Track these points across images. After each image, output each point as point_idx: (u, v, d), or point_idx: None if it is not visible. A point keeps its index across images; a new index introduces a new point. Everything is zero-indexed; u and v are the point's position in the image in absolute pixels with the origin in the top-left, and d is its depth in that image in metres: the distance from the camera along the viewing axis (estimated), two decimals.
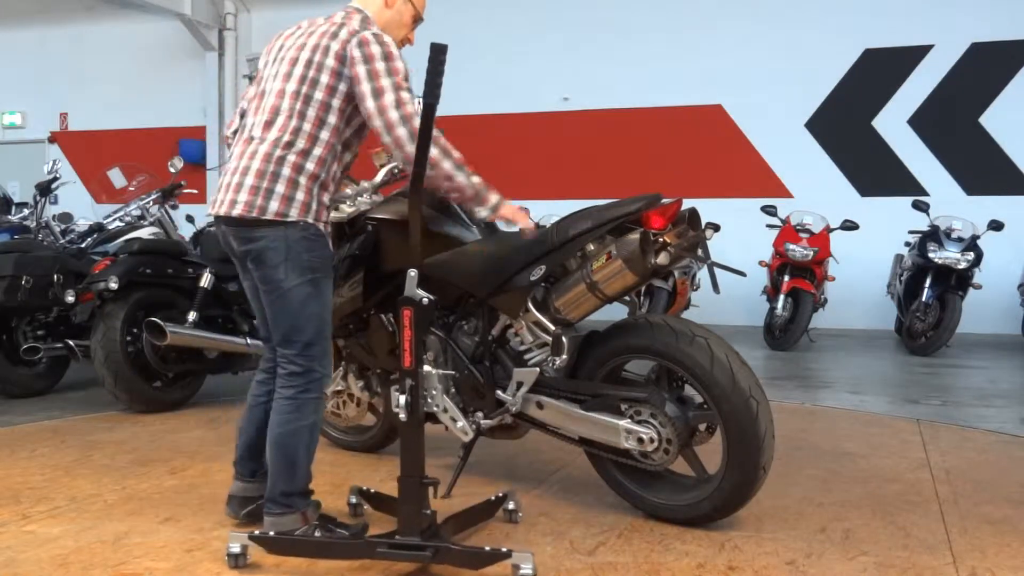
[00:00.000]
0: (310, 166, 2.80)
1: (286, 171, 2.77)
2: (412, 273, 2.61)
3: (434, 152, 2.75)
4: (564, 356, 3.09)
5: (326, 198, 2.87)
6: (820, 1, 10.12)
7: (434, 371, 3.33)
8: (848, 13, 10.00)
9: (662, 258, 2.92)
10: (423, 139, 2.55)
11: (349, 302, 3.45)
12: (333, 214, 3.37)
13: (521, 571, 2.52)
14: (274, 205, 2.75)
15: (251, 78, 3.04)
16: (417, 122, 2.60)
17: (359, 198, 3.46)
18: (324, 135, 2.82)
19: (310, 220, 2.80)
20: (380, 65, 2.77)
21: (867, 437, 4.62)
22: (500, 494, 3.16)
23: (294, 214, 2.77)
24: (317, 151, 2.81)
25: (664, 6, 10.55)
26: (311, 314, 2.82)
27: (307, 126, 2.80)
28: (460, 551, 2.60)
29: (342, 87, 2.82)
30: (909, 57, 9.90)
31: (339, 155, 2.88)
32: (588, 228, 2.98)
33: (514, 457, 4.09)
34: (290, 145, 2.79)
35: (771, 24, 10.23)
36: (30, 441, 4.48)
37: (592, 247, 3.04)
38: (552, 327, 3.10)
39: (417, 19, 3.13)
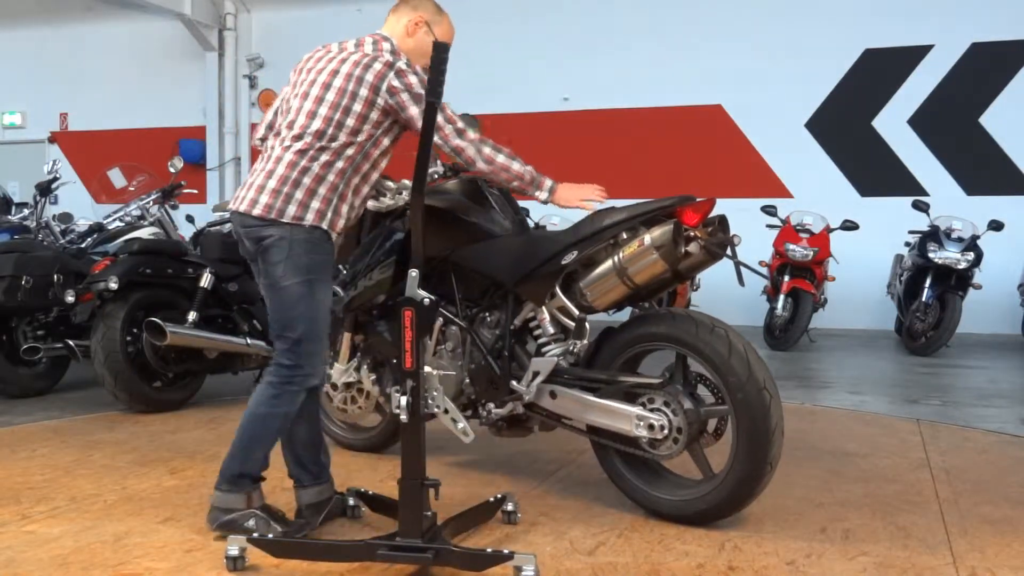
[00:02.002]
0: (331, 177, 2.97)
1: (307, 180, 2.94)
2: (413, 273, 2.64)
3: (487, 149, 3.04)
4: (586, 340, 3.21)
5: (344, 209, 3.02)
6: (820, 1, 10.12)
7: (436, 372, 3.37)
8: (848, 13, 10.00)
9: (692, 247, 3.02)
10: (425, 137, 2.61)
11: (377, 286, 3.53)
12: (372, 204, 3.58)
13: (523, 573, 2.51)
14: (292, 209, 2.92)
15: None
16: (472, 135, 3.02)
17: (399, 194, 3.59)
18: (349, 152, 2.99)
19: (323, 227, 2.96)
20: (420, 91, 2.94)
21: (867, 437, 4.62)
22: (499, 495, 3.17)
23: (309, 219, 2.93)
24: (339, 164, 2.98)
25: (664, 6, 10.55)
26: (302, 313, 2.95)
27: (334, 144, 2.97)
28: (462, 553, 2.60)
29: (374, 115, 2.99)
30: (909, 57, 9.90)
31: (362, 170, 3.04)
32: (623, 219, 3.09)
33: (514, 457, 4.09)
34: (314, 159, 2.95)
35: (771, 24, 10.22)
36: (30, 441, 4.48)
37: (625, 236, 3.12)
38: (576, 312, 3.20)
39: None
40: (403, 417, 2.61)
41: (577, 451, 4.11)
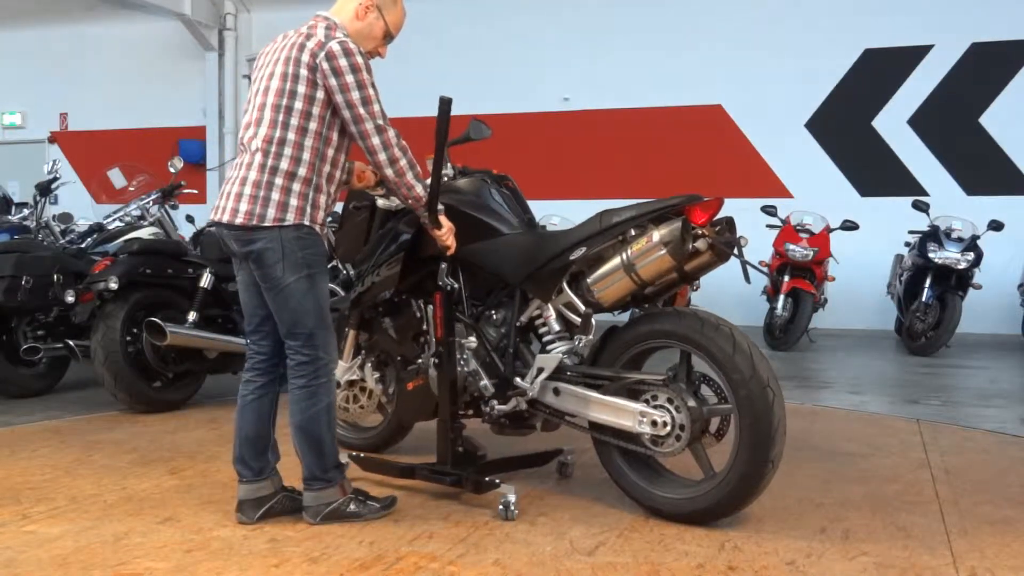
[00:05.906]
0: (301, 171, 2.99)
1: (279, 180, 2.98)
2: (443, 265, 3.33)
3: (402, 162, 3.04)
4: (591, 336, 3.25)
5: (322, 200, 3.06)
6: (820, 1, 10.12)
7: (463, 341, 3.50)
8: (848, 13, 10.00)
9: (700, 244, 3.04)
10: (436, 168, 3.04)
11: (384, 282, 3.57)
12: (383, 202, 3.62)
13: (506, 498, 3.19)
14: (271, 212, 2.97)
15: (251, 79, 3.18)
16: (393, 137, 3.02)
17: None
18: (308, 141, 3.00)
19: (305, 223, 3.01)
20: (349, 79, 2.95)
21: (867, 437, 4.62)
22: (556, 448, 3.78)
23: (290, 219, 2.98)
24: (305, 156, 2.99)
25: (664, 6, 10.55)
26: (310, 307, 3.03)
27: (291, 135, 2.98)
28: (469, 478, 3.32)
29: (319, 95, 2.98)
30: (909, 57, 9.90)
31: (328, 157, 3.05)
32: (631, 216, 3.12)
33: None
34: (279, 155, 2.97)
35: (771, 24, 10.22)
36: (30, 441, 4.48)
37: (633, 233, 3.14)
38: (583, 308, 3.23)
39: (388, 35, 3.20)
40: (432, 371, 3.40)
41: (577, 451, 4.11)
